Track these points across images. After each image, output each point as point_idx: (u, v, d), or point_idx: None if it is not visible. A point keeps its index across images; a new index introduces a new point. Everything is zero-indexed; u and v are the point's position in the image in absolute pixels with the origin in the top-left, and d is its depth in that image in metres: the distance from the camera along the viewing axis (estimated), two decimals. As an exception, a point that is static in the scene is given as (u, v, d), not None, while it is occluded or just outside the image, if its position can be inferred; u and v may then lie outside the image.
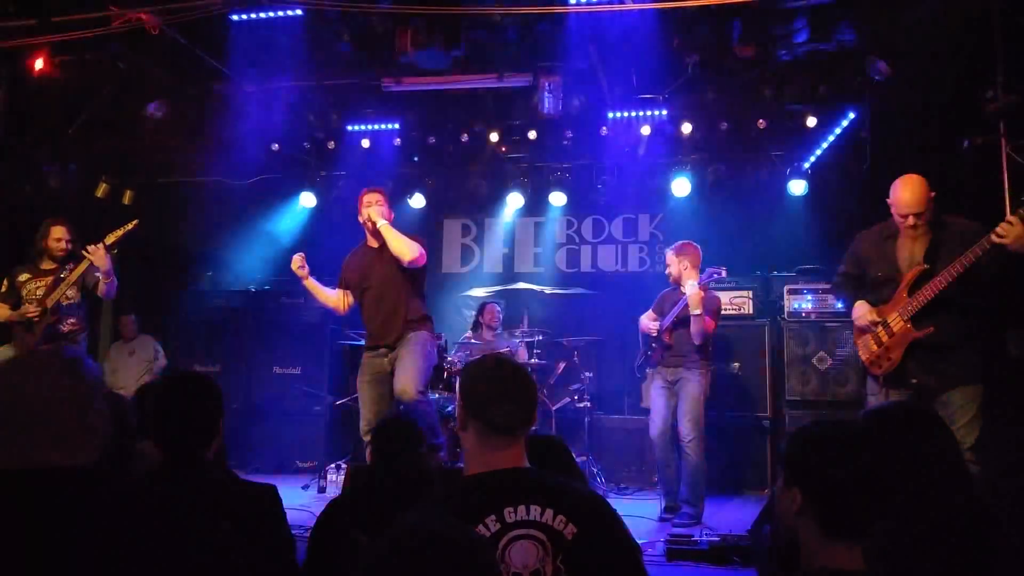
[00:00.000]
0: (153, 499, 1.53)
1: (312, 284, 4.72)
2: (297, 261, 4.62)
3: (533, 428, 1.88)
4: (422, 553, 1.11)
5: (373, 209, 4.57)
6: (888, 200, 3.76)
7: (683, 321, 5.03)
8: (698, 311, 4.90)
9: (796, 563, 1.54)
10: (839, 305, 6.20)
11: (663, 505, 5.13)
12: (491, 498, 1.69)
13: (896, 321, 3.64)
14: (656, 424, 5.11)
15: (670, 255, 5.22)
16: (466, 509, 1.69)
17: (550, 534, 1.65)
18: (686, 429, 4.95)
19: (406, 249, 4.46)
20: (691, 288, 4.90)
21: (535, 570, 1.63)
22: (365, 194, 4.70)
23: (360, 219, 4.69)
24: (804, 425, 1.61)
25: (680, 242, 5.24)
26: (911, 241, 3.69)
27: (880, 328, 3.70)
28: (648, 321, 5.29)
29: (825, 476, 1.48)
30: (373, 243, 4.70)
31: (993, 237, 3.36)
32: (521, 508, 1.67)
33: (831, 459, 1.49)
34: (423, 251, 4.54)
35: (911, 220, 3.64)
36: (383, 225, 4.52)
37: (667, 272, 5.25)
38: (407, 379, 4.35)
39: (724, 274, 5.03)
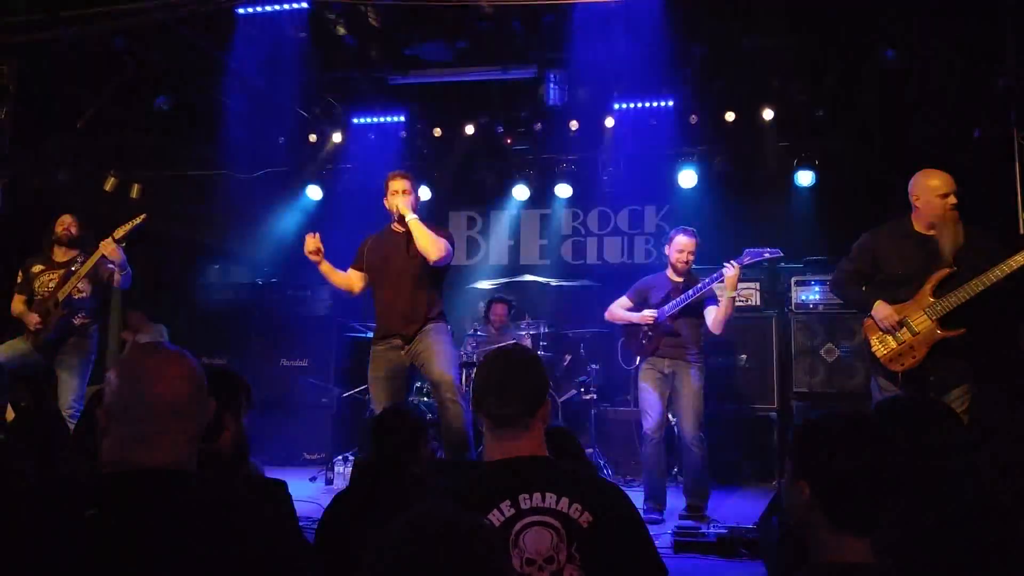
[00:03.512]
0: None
1: (327, 268, 4.53)
2: (311, 244, 4.38)
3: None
4: (431, 540, 1.11)
5: (401, 201, 4.35)
6: (913, 194, 3.76)
7: (687, 310, 4.89)
8: (733, 293, 4.74)
9: (804, 556, 1.54)
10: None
11: (648, 505, 4.85)
12: (506, 484, 1.71)
13: (921, 320, 3.66)
14: (652, 419, 4.87)
15: (690, 240, 4.97)
16: (481, 494, 1.71)
17: (565, 522, 1.67)
18: (691, 426, 4.79)
19: (433, 248, 4.26)
20: (731, 269, 4.68)
21: (548, 556, 1.65)
22: (392, 178, 4.46)
23: (386, 203, 4.48)
24: (811, 417, 1.60)
25: (685, 227, 5.06)
26: (948, 233, 3.66)
27: (903, 328, 3.70)
28: (627, 311, 5.06)
29: (833, 469, 1.47)
30: (399, 228, 4.46)
31: None
32: (536, 495, 1.69)
33: (839, 451, 1.48)
34: (451, 249, 4.36)
35: (953, 199, 3.65)
36: (412, 220, 4.30)
37: (687, 258, 4.97)
38: (444, 365, 4.20)
39: (780, 253, 4.83)
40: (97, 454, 1.48)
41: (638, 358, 5.09)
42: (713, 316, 4.86)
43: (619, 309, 5.14)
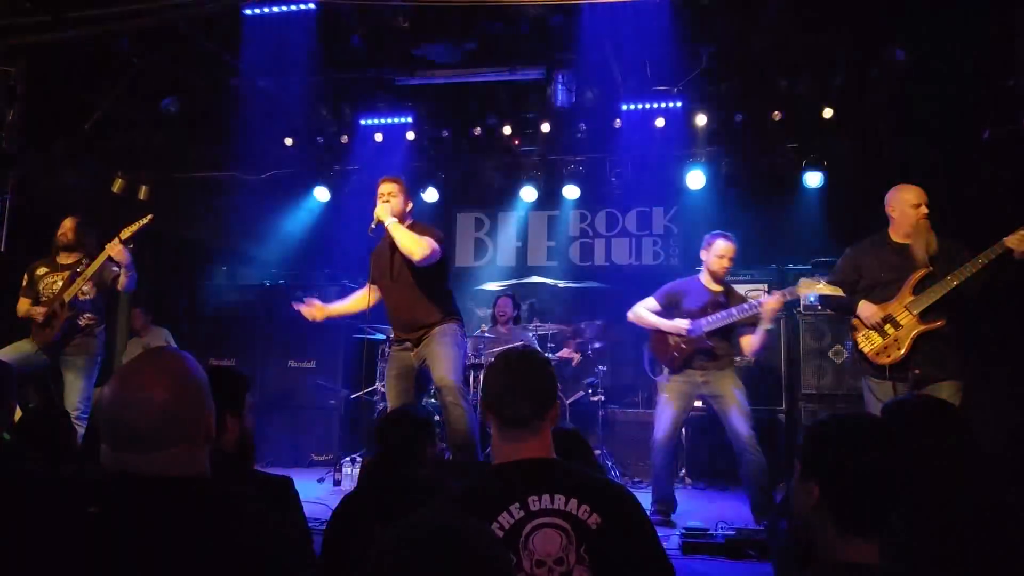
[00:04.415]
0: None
1: (336, 309, 4.69)
2: (312, 313, 4.60)
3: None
4: (431, 546, 1.11)
5: (380, 207, 4.35)
6: (890, 207, 4.11)
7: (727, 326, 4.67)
8: (771, 324, 4.63)
9: (813, 557, 1.53)
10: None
11: (655, 508, 4.71)
12: (516, 486, 1.72)
13: (904, 316, 3.94)
14: (665, 430, 4.72)
15: (731, 245, 4.72)
16: (491, 496, 1.71)
17: (574, 523, 1.68)
18: (745, 430, 4.53)
19: (415, 248, 4.21)
20: (775, 302, 4.54)
21: (558, 558, 1.65)
22: (379, 184, 4.48)
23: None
24: (821, 418, 1.60)
25: (723, 232, 4.82)
26: (921, 239, 3.96)
27: (887, 324, 3.97)
28: (655, 315, 4.83)
29: (842, 470, 1.47)
30: (387, 232, 4.43)
31: (1008, 241, 3.70)
32: (545, 497, 1.70)
33: (848, 453, 1.48)
34: (436, 247, 4.27)
35: (925, 209, 3.99)
36: (391, 224, 4.29)
37: (728, 264, 4.72)
38: (444, 369, 4.18)
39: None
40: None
41: (667, 370, 4.81)
42: (747, 343, 4.70)
43: (646, 312, 4.87)
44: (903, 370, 3.90)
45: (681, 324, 4.69)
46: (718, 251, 4.73)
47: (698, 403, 5.05)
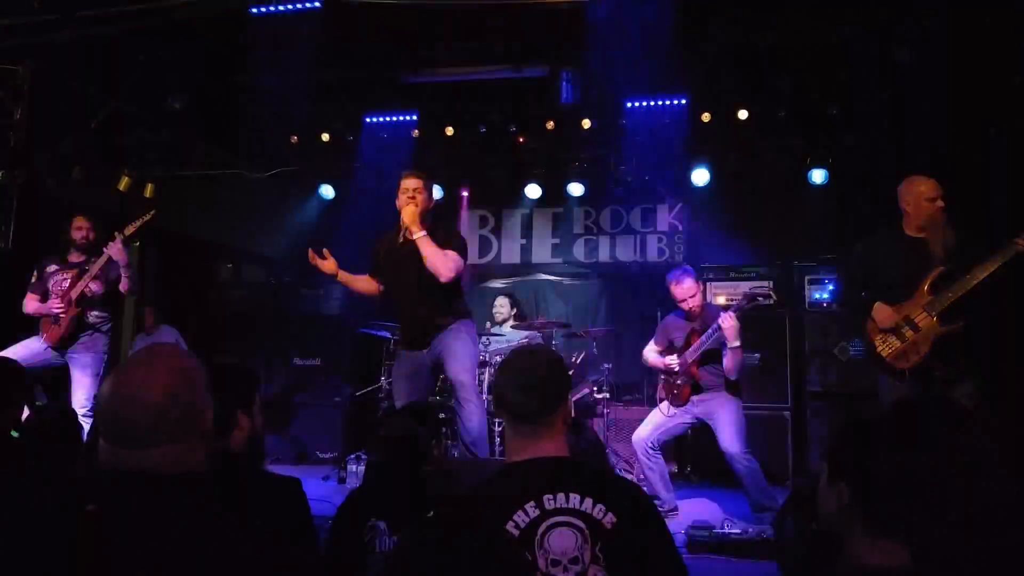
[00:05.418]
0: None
1: (346, 277, 4.52)
2: (327, 267, 4.40)
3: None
4: (447, 548, 1.11)
5: (407, 211, 4.22)
6: (903, 200, 3.93)
7: (709, 353, 4.72)
8: (737, 343, 4.53)
9: (823, 557, 1.52)
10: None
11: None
12: (531, 485, 1.72)
13: (922, 317, 3.77)
14: (641, 433, 4.87)
15: (692, 282, 4.78)
16: (506, 495, 1.72)
17: (589, 522, 1.68)
18: (738, 450, 4.59)
19: (442, 268, 4.17)
20: (729, 320, 4.48)
21: (573, 557, 1.66)
22: (403, 178, 4.38)
23: (397, 204, 4.38)
24: (850, 418, 1.58)
25: (685, 266, 4.93)
26: (938, 233, 3.82)
27: (905, 326, 3.81)
28: (658, 356, 4.98)
29: (873, 472, 1.45)
30: (409, 235, 4.33)
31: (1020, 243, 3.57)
32: (560, 496, 1.70)
33: (880, 455, 1.46)
34: (461, 263, 4.28)
35: (941, 202, 3.82)
36: (420, 238, 4.18)
37: (690, 305, 4.78)
38: (460, 366, 4.18)
39: (773, 297, 4.75)
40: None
41: (668, 405, 4.92)
42: (726, 364, 4.70)
43: (650, 353, 5.07)
44: (924, 374, 3.76)
45: (671, 361, 4.89)
46: (676, 296, 4.82)
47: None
